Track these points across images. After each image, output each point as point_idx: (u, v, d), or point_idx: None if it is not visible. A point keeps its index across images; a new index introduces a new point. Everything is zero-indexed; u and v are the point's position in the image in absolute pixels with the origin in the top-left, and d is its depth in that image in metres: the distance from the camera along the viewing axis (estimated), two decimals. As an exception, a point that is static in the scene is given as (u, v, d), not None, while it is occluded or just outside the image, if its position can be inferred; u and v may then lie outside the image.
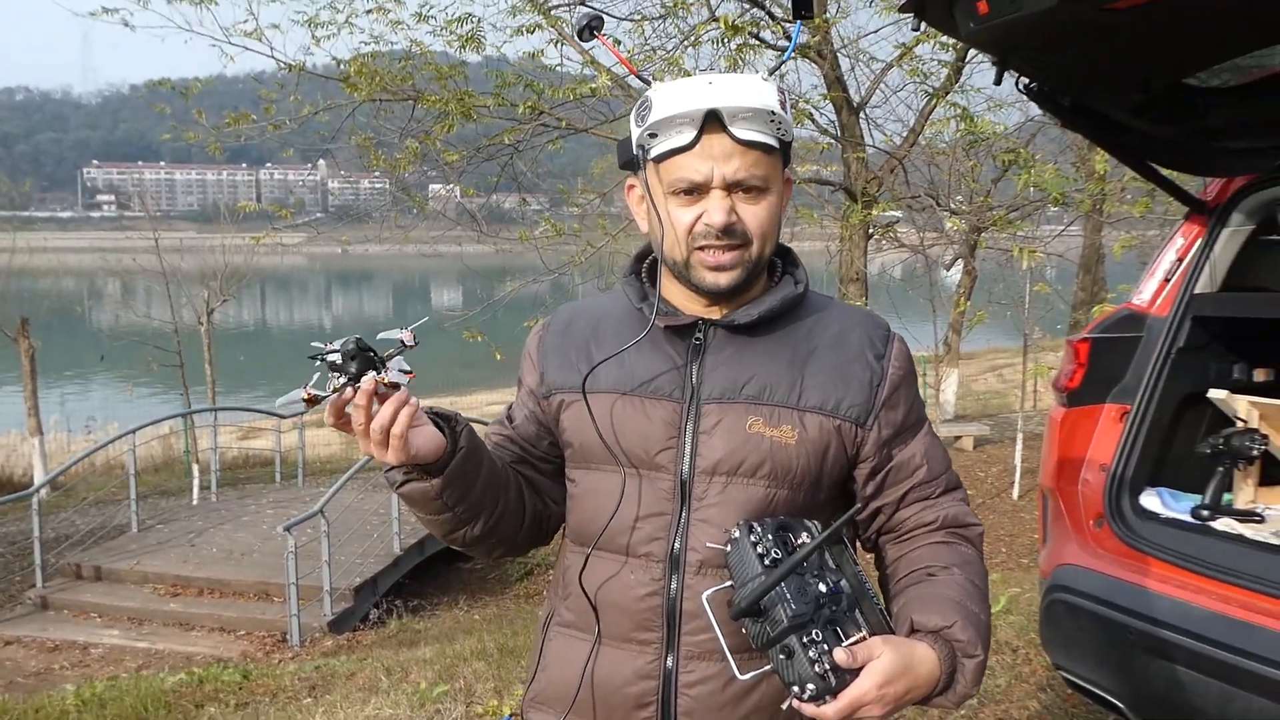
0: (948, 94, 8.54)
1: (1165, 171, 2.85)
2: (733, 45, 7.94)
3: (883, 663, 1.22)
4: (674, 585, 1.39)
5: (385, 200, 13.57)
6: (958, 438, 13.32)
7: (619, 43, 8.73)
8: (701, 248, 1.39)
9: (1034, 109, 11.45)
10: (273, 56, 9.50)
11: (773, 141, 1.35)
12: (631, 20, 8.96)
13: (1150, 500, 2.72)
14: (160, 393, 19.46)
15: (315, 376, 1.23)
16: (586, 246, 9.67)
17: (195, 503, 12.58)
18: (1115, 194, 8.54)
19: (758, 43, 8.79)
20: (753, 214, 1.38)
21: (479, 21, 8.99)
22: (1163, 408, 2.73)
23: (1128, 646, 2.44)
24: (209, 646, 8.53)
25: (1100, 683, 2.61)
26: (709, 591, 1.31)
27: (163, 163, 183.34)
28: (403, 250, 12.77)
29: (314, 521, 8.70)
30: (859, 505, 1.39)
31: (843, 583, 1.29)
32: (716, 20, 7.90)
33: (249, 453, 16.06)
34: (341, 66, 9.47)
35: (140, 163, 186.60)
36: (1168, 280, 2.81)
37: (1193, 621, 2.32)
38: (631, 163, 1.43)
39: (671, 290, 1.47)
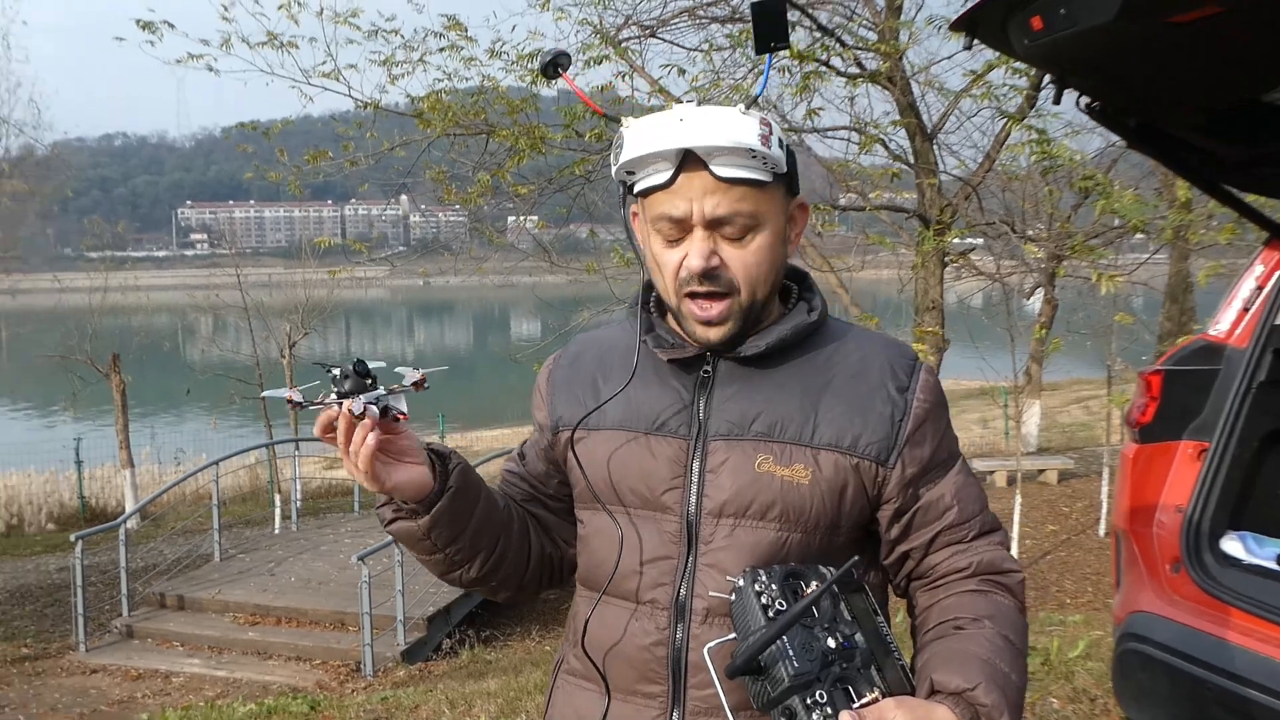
0: (1023, 119, 8.35)
1: (1244, 195, 2.71)
2: (799, 74, 7.89)
3: None
4: (679, 635, 1.30)
5: (463, 234, 13.81)
6: (1041, 471, 12.93)
7: (682, 72, 8.75)
8: (691, 295, 1.31)
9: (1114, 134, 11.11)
10: (350, 96, 9.76)
11: (761, 176, 1.26)
12: (700, 51, 8.98)
13: (1232, 545, 2.55)
14: (247, 424, 19.96)
15: (314, 383, 1.24)
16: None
17: (277, 532, 12.83)
18: (1201, 220, 8.24)
19: (827, 69, 8.74)
20: (738, 258, 1.29)
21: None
22: (1244, 445, 2.57)
23: (1205, 703, 2.28)
24: (285, 675, 8.64)
25: (1177, 741, 2.44)
26: (711, 644, 1.23)
27: (252, 201, 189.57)
28: (482, 282, 12.95)
29: (389, 550, 8.78)
30: (856, 557, 1.28)
31: (857, 637, 1.20)
32: (787, 51, 7.86)
33: (330, 482, 16.36)
34: (415, 103, 9.67)
35: (231, 202, 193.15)
36: (1246, 310, 2.66)
37: (1278, 679, 2.15)
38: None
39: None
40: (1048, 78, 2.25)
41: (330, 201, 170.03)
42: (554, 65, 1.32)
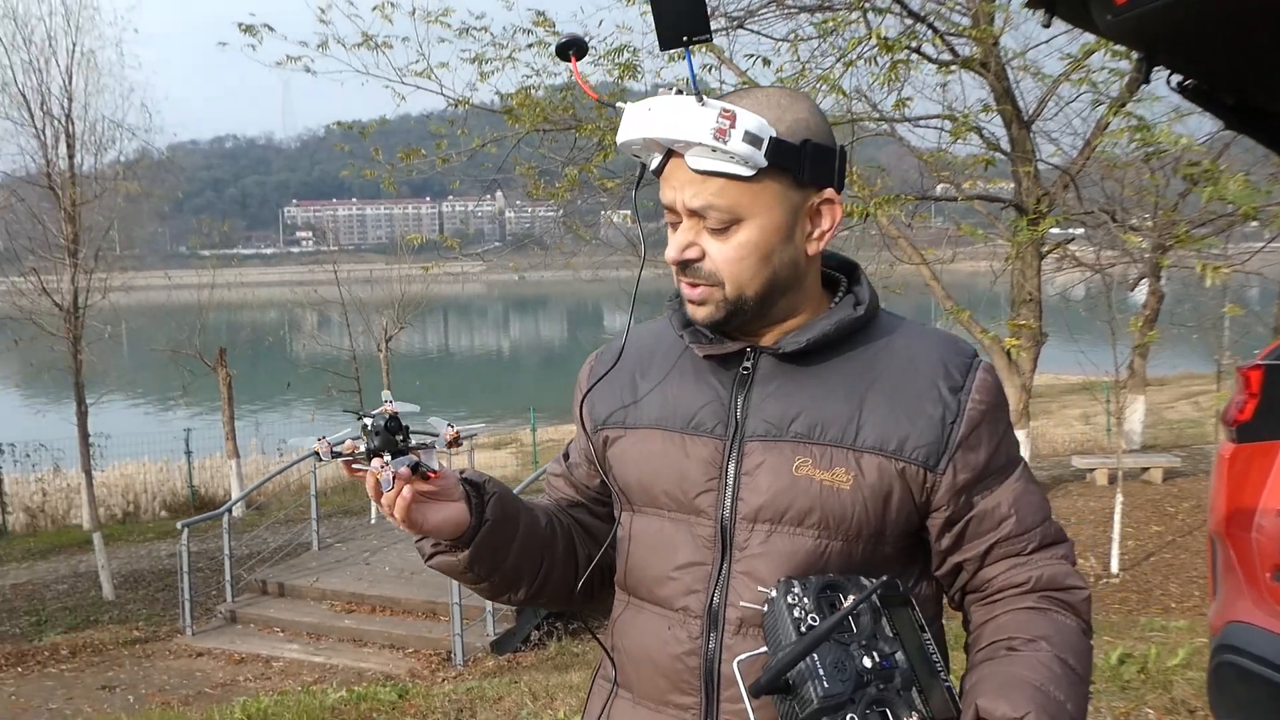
0: (1125, 104, 8.02)
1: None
2: (885, 63, 7.72)
3: None
4: (712, 644, 1.24)
5: (556, 228, 13.93)
6: (1144, 469, 12.44)
7: (767, 62, 8.66)
8: (681, 278, 1.27)
9: (1227, 115, 10.60)
10: (442, 94, 9.93)
11: (736, 170, 1.17)
12: (787, 41, 8.86)
13: (1340, 550, 2.40)
14: (349, 417, 20.47)
15: (345, 431, 1.22)
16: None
17: (373, 522, 13.13)
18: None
19: (918, 56, 8.54)
20: (719, 252, 1.22)
21: (636, 51, 9.12)
22: (1353, 445, 2.41)
23: (1306, 719, 2.15)
24: (379, 663, 8.85)
25: (1278, 757, 2.30)
26: (742, 657, 1.17)
27: (354, 199, 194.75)
28: (575, 276, 13.06)
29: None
30: (885, 578, 1.18)
31: (898, 655, 1.13)
32: (873, 38, 7.70)
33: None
34: (505, 100, 9.79)
35: (334, 200, 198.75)
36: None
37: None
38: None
39: None
40: (1135, 56, 2.11)
41: (428, 198, 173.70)
42: (565, 50, 1.25)
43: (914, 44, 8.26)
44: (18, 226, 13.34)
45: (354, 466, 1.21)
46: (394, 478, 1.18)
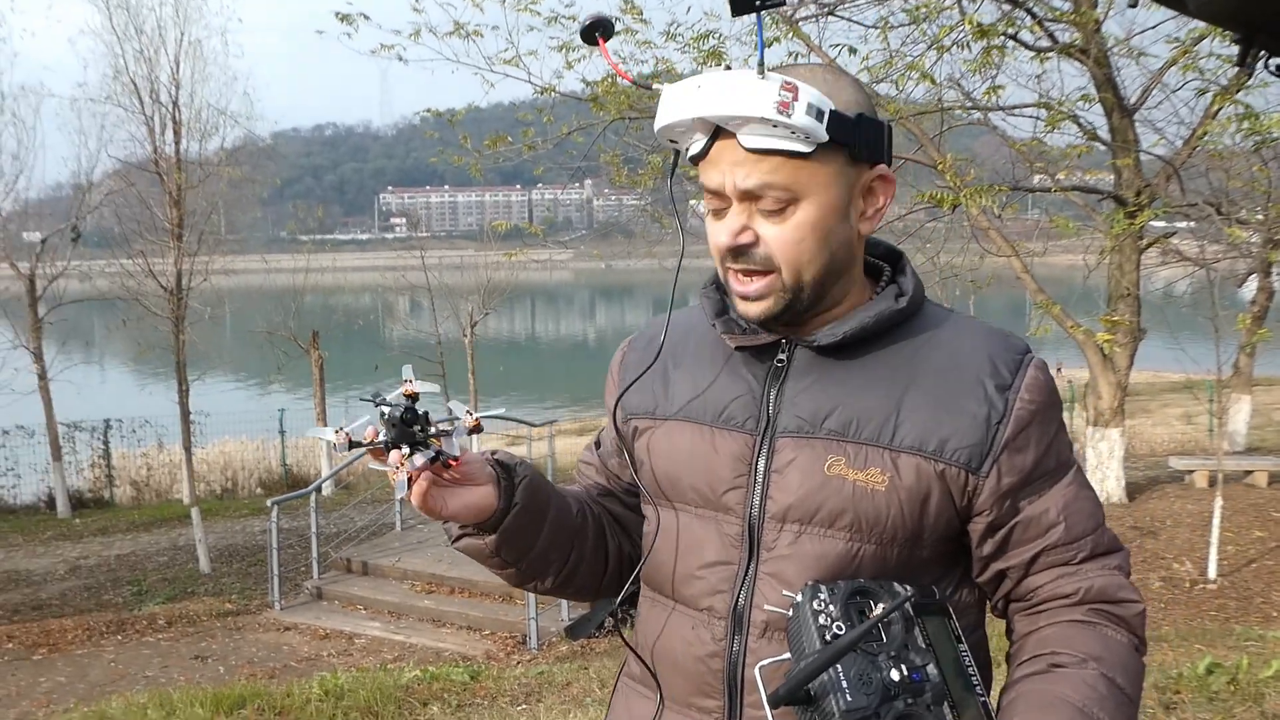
0: (1234, 93, 7.67)
1: None
2: (977, 49, 7.52)
3: None
4: (736, 647, 1.19)
5: (643, 217, 13.95)
6: (1248, 472, 11.91)
7: (854, 51, 8.50)
8: (732, 270, 1.20)
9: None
10: (529, 81, 10.00)
11: (795, 146, 1.11)
12: (876, 28, 8.69)
13: None
14: (434, 400, 20.89)
15: (362, 419, 1.19)
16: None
17: (454, 505, 13.34)
18: None
19: (1014, 43, 8.30)
20: (775, 235, 1.15)
21: (723, 37, 9.05)
22: None
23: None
24: (457, 644, 9.00)
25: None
26: (764, 662, 1.12)
27: (446, 186, 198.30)
28: (661, 265, 13.06)
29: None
30: (911, 593, 1.12)
31: (930, 668, 1.06)
32: (967, 24, 7.51)
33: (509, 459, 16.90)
34: (591, 88, 9.81)
35: (428, 187, 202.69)
36: None
37: None
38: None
39: None
40: (1231, 38, 1.99)
41: (519, 186, 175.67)
42: (590, 32, 1.20)
43: (1011, 30, 8.03)
44: (127, 210, 13.91)
45: (374, 460, 1.19)
46: (409, 479, 1.15)
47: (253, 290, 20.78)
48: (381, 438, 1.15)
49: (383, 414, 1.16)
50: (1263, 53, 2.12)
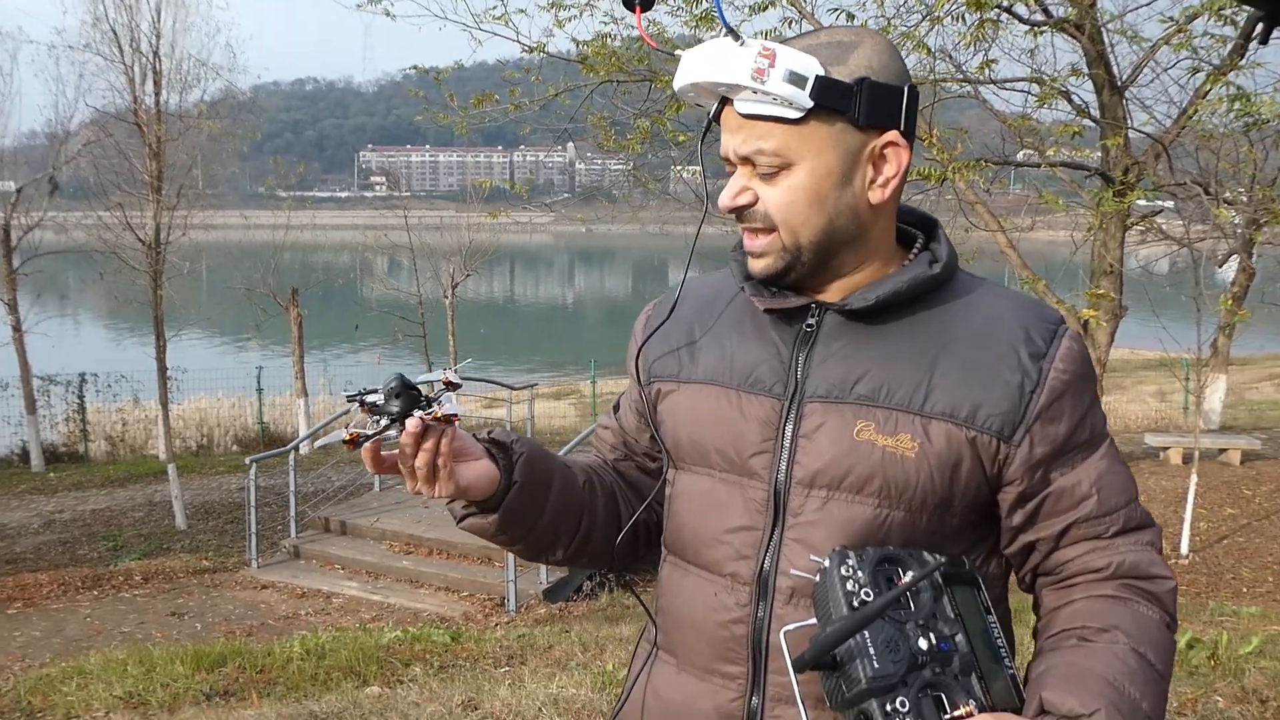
0: (1227, 73, 7.66)
1: None
2: (973, 21, 7.47)
3: None
4: (761, 613, 1.19)
5: (626, 181, 13.87)
6: (1222, 450, 12.09)
7: (851, 17, 8.42)
8: (741, 227, 1.22)
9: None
10: (518, 40, 9.85)
11: (783, 112, 1.12)
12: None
13: None
14: (414, 361, 20.84)
15: (356, 417, 1.17)
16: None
17: (433, 467, 13.32)
18: None
19: (1008, 16, 8.24)
20: (769, 196, 1.17)
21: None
22: None
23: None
24: (435, 604, 9.02)
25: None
26: (789, 627, 1.11)
27: (427, 146, 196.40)
28: (643, 230, 13.00)
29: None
30: (941, 561, 1.10)
31: (958, 638, 1.05)
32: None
33: (485, 420, 16.90)
34: (581, 48, 9.68)
35: (409, 146, 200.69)
36: None
37: None
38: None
39: None
40: (1250, 15, 1.97)
41: (500, 147, 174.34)
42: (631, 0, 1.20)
43: (1005, 2, 7.97)
44: (105, 162, 13.69)
45: (382, 425, 1.15)
46: (451, 419, 1.14)
47: (231, 246, 20.51)
48: (384, 421, 1.14)
49: (373, 404, 1.14)
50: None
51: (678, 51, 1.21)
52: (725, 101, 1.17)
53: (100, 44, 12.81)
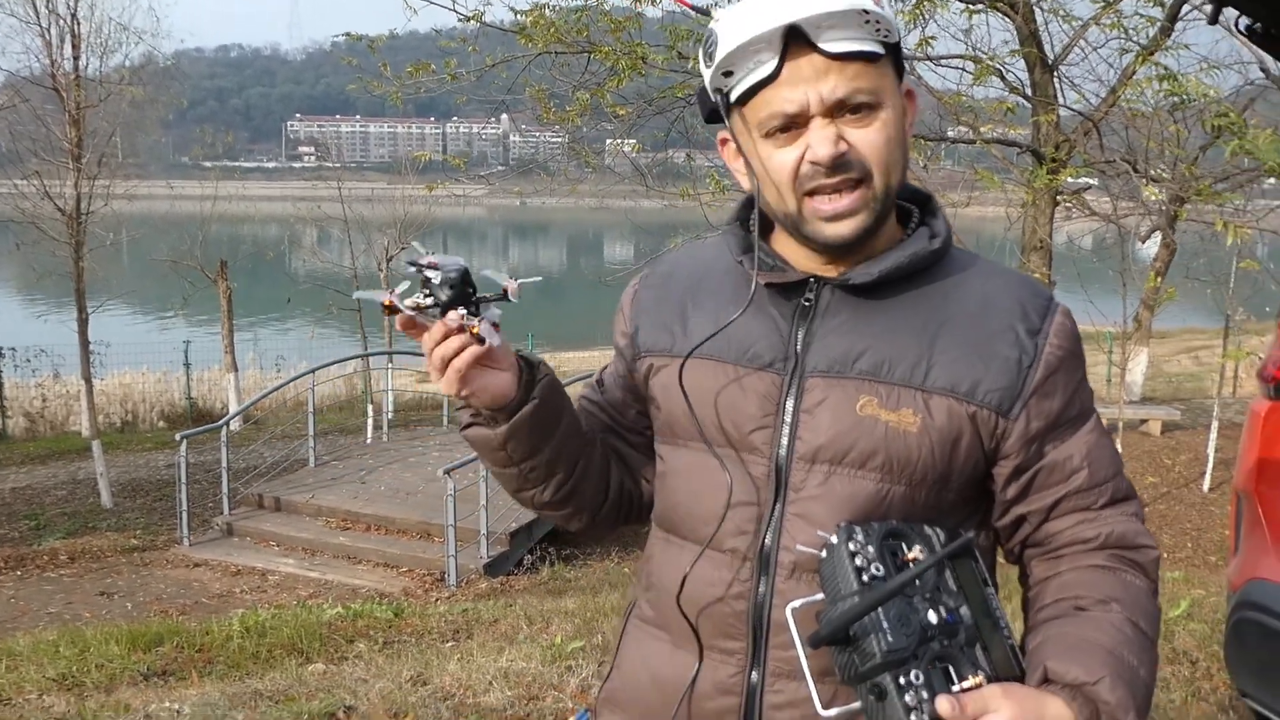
0: (1154, 52, 7.83)
1: None
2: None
3: (999, 719, 1.00)
4: (762, 589, 1.18)
5: (561, 154, 13.72)
6: (1144, 421, 12.48)
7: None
8: (811, 192, 1.15)
9: (1254, 71, 10.43)
10: (454, 9, 9.66)
11: (875, 47, 1.11)
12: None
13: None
14: (347, 336, 20.49)
15: (406, 284, 1.16)
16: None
17: (369, 441, 13.18)
18: (1346, 163, 7.65)
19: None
20: (865, 138, 1.13)
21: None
22: (1390, 407, 2.36)
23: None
24: (373, 580, 8.93)
25: (1293, 717, 2.29)
26: (796, 603, 1.11)
27: (358, 116, 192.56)
28: (578, 204, 12.90)
29: (475, 465, 8.91)
30: (971, 534, 1.12)
31: (963, 610, 1.07)
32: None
33: (421, 395, 16.72)
34: (519, 18, 9.53)
35: (338, 116, 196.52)
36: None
37: None
38: (715, 113, 1.21)
39: (783, 242, 1.25)
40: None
41: (433, 119, 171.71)
42: None
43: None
44: (21, 128, 13.12)
45: (419, 320, 1.15)
46: (494, 329, 1.14)
47: (156, 217, 19.90)
48: (430, 301, 1.14)
49: (427, 279, 1.14)
50: (1236, 12, 2.13)
51: (714, 12, 1.15)
52: (786, 55, 1.10)
53: (13, 4, 12.27)
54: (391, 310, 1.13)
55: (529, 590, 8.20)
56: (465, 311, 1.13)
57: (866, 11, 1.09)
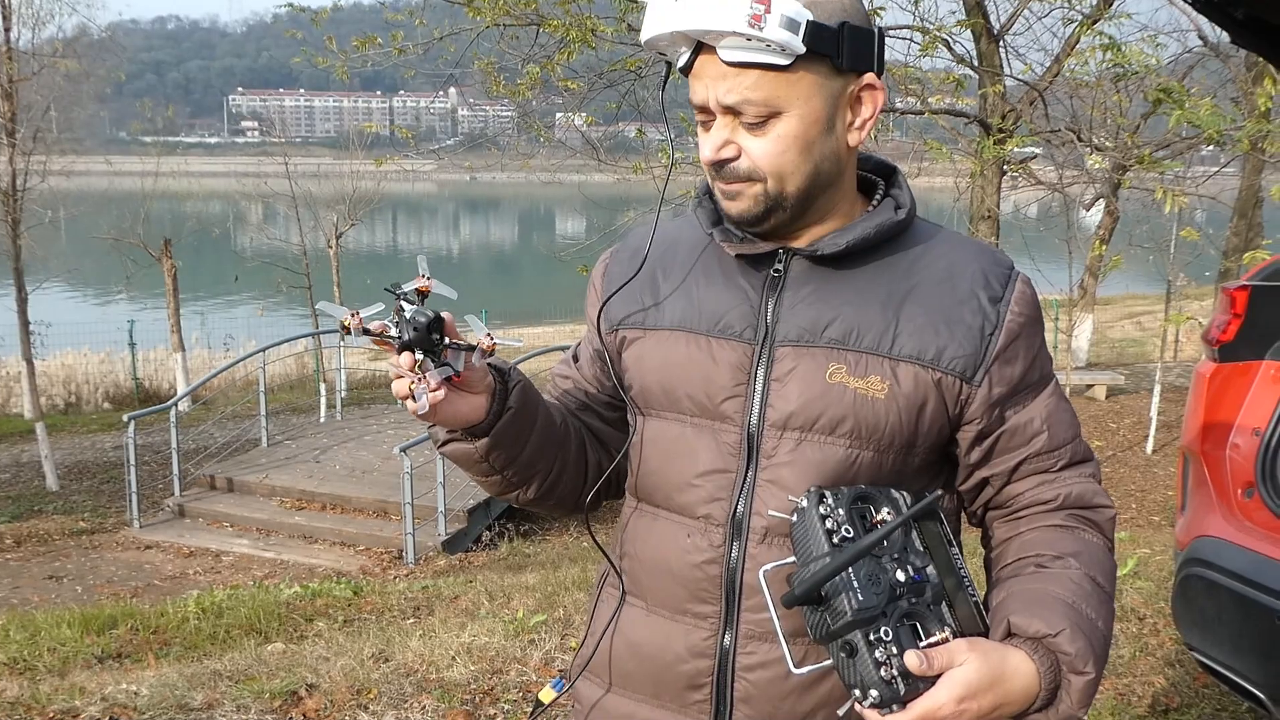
0: (1096, 22, 7.94)
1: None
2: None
3: (965, 671, 1.03)
4: (735, 554, 1.21)
5: (511, 128, 13.58)
6: (1089, 386, 12.74)
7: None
8: (716, 180, 1.21)
9: (1192, 39, 10.61)
10: (400, -19, 9.51)
11: (772, 60, 1.10)
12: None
13: (1309, 470, 2.44)
14: (297, 314, 20.19)
15: (378, 308, 1.14)
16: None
17: (322, 420, 13.05)
18: (1280, 131, 7.83)
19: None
20: (757, 146, 1.15)
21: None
22: (1330, 368, 2.44)
23: (1275, 633, 2.19)
24: (330, 560, 8.87)
25: (1239, 669, 2.36)
26: (767, 567, 1.14)
27: (302, 90, 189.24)
28: (529, 178, 12.81)
29: (431, 443, 8.86)
30: (939, 493, 1.17)
31: (929, 569, 1.10)
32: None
33: (374, 373, 16.56)
34: (467, -10, 9.39)
35: (281, 90, 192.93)
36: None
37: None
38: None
39: None
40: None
41: (379, 93, 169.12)
42: None
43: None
44: (-50, 103, 12.72)
45: (385, 335, 1.12)
46: (426, 391, 1.11)
47: (96, 194, 19.37)
48: (395, 333, 1.10)
49: (403, 311, 1.11)
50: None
51: None
52: (699, 49, 1.13)
53: (-60, -27, 11.84)
54: (348, 331, 1.10)
55: (488, 566, 8.20)
56: (421, 358, 1.10)
57: (748, 37, 1.08)
